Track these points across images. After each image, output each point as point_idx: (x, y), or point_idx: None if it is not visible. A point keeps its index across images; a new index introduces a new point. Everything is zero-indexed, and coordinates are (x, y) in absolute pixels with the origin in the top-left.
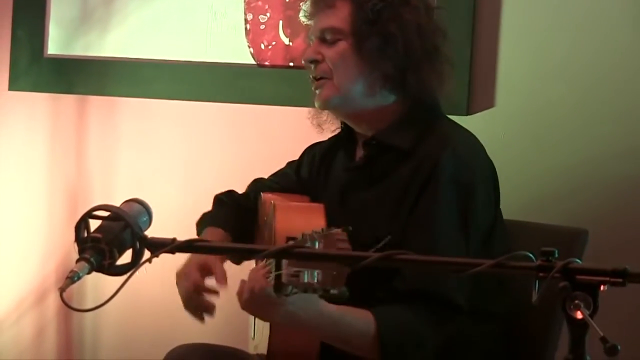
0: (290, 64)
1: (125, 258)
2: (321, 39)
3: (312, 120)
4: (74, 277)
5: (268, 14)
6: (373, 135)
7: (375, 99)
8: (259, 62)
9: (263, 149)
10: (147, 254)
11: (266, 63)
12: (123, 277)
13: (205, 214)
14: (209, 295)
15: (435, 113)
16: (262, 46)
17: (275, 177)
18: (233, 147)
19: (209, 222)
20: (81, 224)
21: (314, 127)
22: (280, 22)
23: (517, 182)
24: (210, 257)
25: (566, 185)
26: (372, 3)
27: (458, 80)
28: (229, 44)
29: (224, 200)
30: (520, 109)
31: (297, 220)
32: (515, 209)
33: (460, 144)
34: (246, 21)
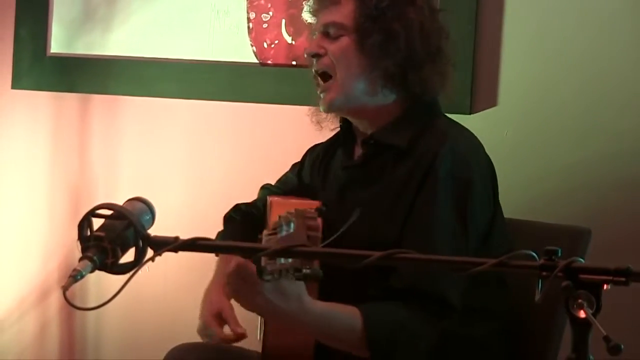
0: (293, 62)
1: (128, 257)
2: (324, 34)
3: (312, 118)
4: (76, 276)
5: (271, 13)
6: (371, 134)
7: (376, 97)
8: (262, 61)
9: (266, 148)
10: (150, 252)
11: (269, 62)
12: (126, 276)
13: (218, 233)
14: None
15: (434, 112)
16: (265, 45)
17: (279, 183)
18: (236, 146)
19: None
20: (84, 223)
21: (313, 125)
22: (283, 21)
23: (520, 181)
24: (223, 305)
25: (569, 184)
26: (377, 0)
27: (461, 80)
28: (232, 43)
29: (234, 217)
30: (523, 108)
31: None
32: (518, 207)
33: (458, 141)
34: (249, 20)
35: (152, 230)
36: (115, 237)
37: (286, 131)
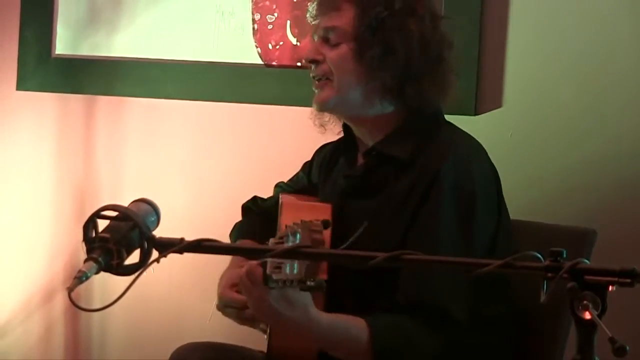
0: (298, 64)
1: (133, 258)
2: (324, 39)
3: (315, 121)
4: (82, 277)
5: (276, 14)
6: (374, 145)
7: (373, 108)
8: (267, 62)
9: (270, 149)
10: (155, 254)
11: (274, 63)
12: (131, 277)
13: (236, 224)
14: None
15: (436, 121)
16: (270, 46)
17: (291, 182)
18: (241, 147)
19: (239, 234)
20: (89, 224)
21: (317, 127)
22: (288, 22)
23: (525, 182)
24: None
25: (574, 185)
26: (377, 10)
27: (466, 81)
28: (237, 44)
29: (252, 208)
30: (528, 109)
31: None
32: (523, 209)
33: (460, 154)
34: (254, 21)
35: (157, 232)
36: (120, 239)
37: (291, 132)
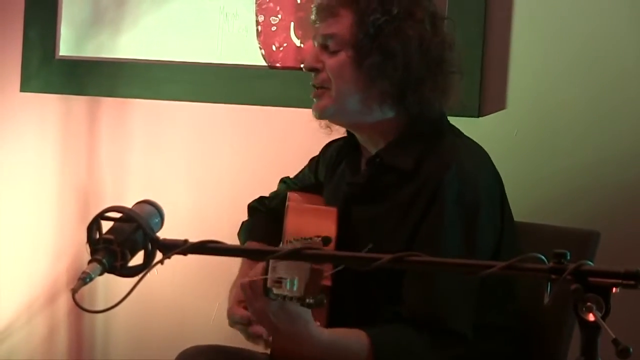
0: (302, 65)
1: (137, 259)
2: (323, 46)
3: (320, 122)
4: (86, 279)
5: (279, 16)
6: (377, 153)
7: (372, 115)
8: (270, 64)
9: (274, 151)
10: (159, 255)
11: (277, 65)
12: (134, 279)
13: (243, 223)
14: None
15: (439, 127)
16: (274, 48)
17: (297, 179)
18: (244, 149)
19: (247, 236)
20: (93, 226)
21: (323, 128)
22: (292, 24)
23: (529, 184)
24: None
25: (578, 186)
26: (375, 17)
27: (469, 82)
28: (241, 46)
29: (258, 208)
30: (532, 111)
31: (308, 224)
32: (526, 210)
33: (463, 163)
34: (257, 23)
35: (161, 233)
36: (124, 240)
37: (295, 134)
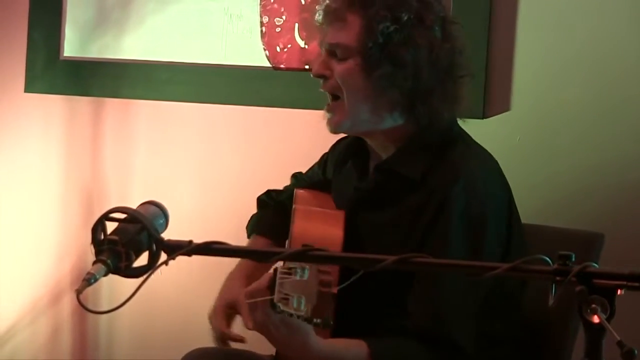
0: (306, 66)
1: (142, 260)
2: (330, 52)
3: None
4: (90, 280)
5: (284, 17)
6: (385, 160)
7: (383, 123)
8: (275, 65)
9: (278, 152)
10: (164, 256)
11: (282, 66)
12: (139, 280)
13: (253, 216)
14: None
15: (449, 136)
16: (278, 49)
17: (306, 176)
18: (248, 150)
19: (254, 229)
20: (98, 226)
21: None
22: (296, 25)
23: (533, 186)
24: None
25: (582, 188)
26: (384, 25)
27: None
28: (245, 47)
29: (267, 201)
30: (536, 113)
31: (315, 228)
32: (531, 212)
33: (471, 176)
34: (262, 24)
35: (165, 234)
36: (128, 241)
37: (299, 135)
